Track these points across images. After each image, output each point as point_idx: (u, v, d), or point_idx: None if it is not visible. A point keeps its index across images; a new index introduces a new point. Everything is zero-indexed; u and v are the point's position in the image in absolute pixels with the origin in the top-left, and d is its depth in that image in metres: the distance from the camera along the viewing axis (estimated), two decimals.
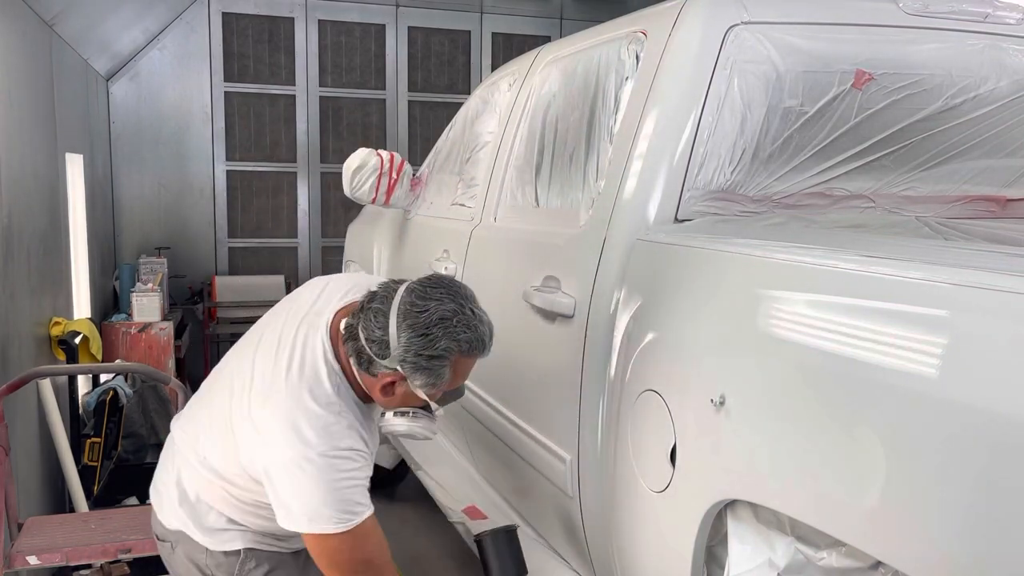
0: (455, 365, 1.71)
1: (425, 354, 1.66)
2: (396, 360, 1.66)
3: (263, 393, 1.69)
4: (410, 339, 1.65)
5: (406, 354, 1.65)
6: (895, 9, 2.17)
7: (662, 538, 1.78)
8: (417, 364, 1.66)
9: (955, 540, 1.14)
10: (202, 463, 1.81)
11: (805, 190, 2.09)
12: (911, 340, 1.23)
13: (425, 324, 1.66)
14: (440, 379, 1.70)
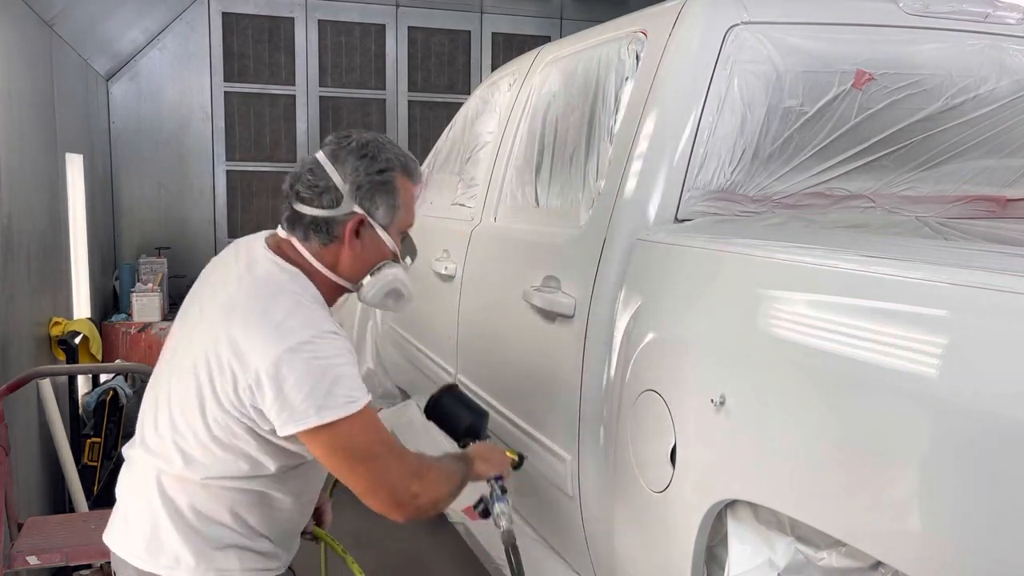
0: (404, 190, 1.73)
1: (373, 171, 1.68)
2: (351, 193, 1.67)
3: (227, 312, 1.61)
4: (354, 164, 1.68)
5: (356, 178, 1.67)
6: (895, 9, 2.17)
7: (662, 538, 1.78)
8: (371, 184, 1.68)
9: (955, 540, 1.14)
10: (186, 466, 1.66)
11: (805, 190, 2.09)
12: (911, 340, 1.23)
13: (357, 148, 1.69)
14: (395, 197, 1.71)
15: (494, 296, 2.70)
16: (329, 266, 1.73)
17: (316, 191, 1.68)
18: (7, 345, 3.18)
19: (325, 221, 1.69)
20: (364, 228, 1.71)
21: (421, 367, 3.47)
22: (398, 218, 1.75)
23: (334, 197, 1.68)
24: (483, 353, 2.78)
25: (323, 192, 1.68)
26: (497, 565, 2.54)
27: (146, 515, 1.69)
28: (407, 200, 1.77)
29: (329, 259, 1.72)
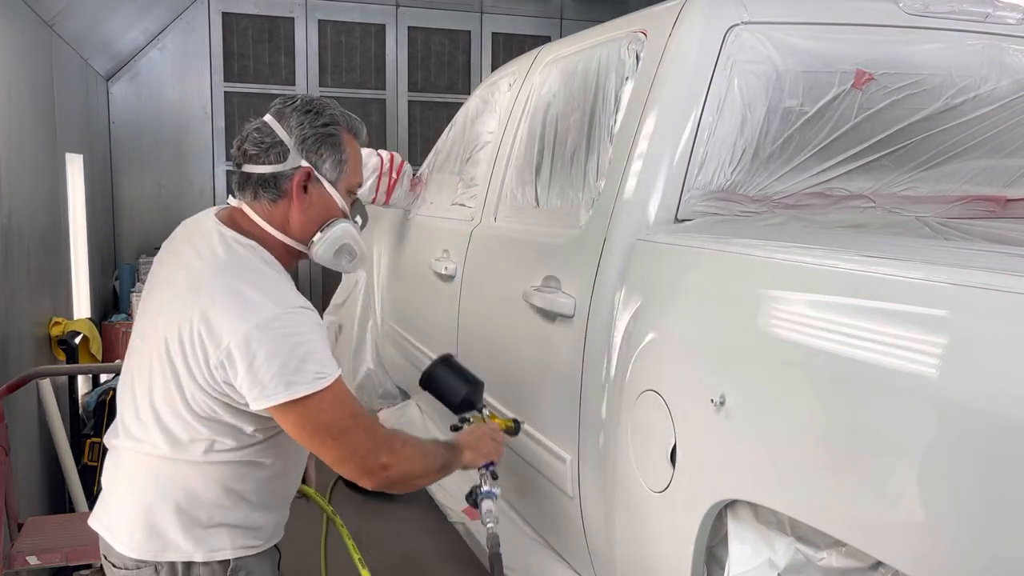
0: (349, 145, 1.76)
1: (318, 124, 1.71)
2: (296, 147, 1.70)
3: (194, 292, 1.61)
4: (299, 119, 1.70)
5: (302, 132, 1.69)
6: (895, 9, 2.17)
7: (662, 538, 1.78)
8: (316, 136, 1.70)
9: (955, 540, 1.14)
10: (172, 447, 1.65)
11: (805, 190, 2.09)
12: (911, 340, 1.23)
13: (302, 105, 1.73)
14: (341, 152, 1.74)
15: (494, 296, 2.70)
16: (279, 226, 1.73)
17: (263, 147, 1.70)
18: (7, 345, 3.18)
19: (273, 177, 1.70)
20: (312, 183, 1.72)
21: (421, 367, 3.47)
22: (345, 173, 1.77)
23: (280, 151, 1.69)
24: (483, 353, 2.78)
25: (269, 147, 1.70)
26: None
27: (134, 501, 1.69)
28: (353, 156, 1.78)
29: (279, 219, 1.73)
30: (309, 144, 1.71)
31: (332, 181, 1.75)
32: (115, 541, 1.71)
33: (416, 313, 3.59)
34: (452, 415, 2.18)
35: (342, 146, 1.75)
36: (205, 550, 1.68)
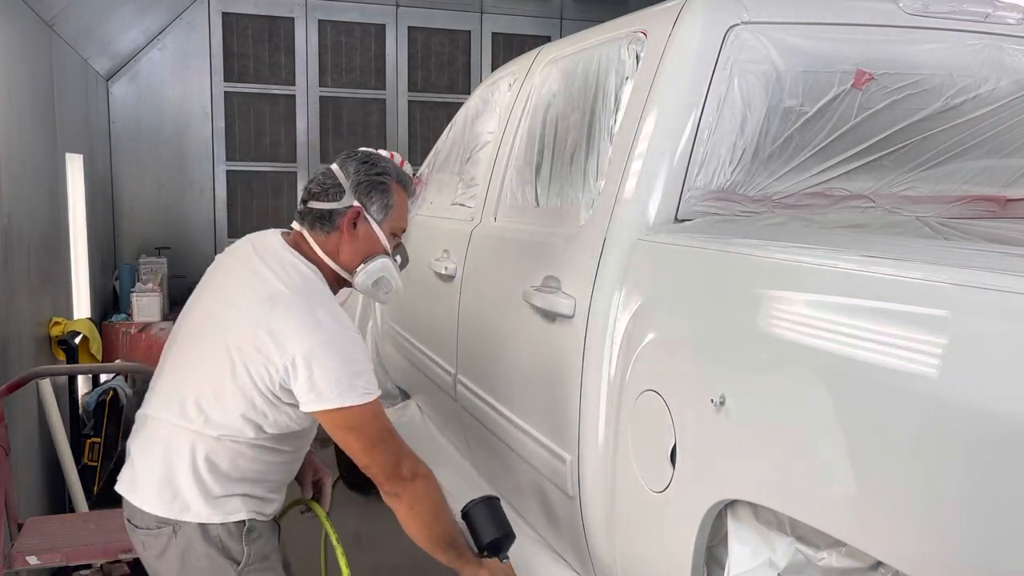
0: (397, 195, 2.03)
1: (372, 173, 1.99)
2: (351, 189, 1.98)
3: (271, 303, 1.84)
4: (357, 167, 2.00)
5: (357, 176, 1.98)
6: (895, 9, 2.17)
7: (662, 538, 1.78)
8: (369, 182, 1.98)
9: (955, 540, 1.14)
10: (204, 424, 1.85)
11: (805, 190, 2.09)
12: (911, 340, 1.23)
13: (362, 156, 2.04)
14: (389, 198, 2.01)
15: (494, 296, 2.70)
16: (331, 255, 2.00)
17: (324, 187, 2.00)
18: (7, 345, 3.18)
19: (329, 212, 1.98)
20: (360, 220, 1.99)
21: (421, 367, 3.47)
22: (390, 217, 2.03)
23: (338, 191, 1.98)
24: (483, 353, 2.78)
25: (329, 188, 1.99)
26: None
27: (161, 466, 1.89)
28: (399, 203, 2.05)
29: (331, 248, 1.99)
30: (362, 188, 1.99)
31: (378, 221, 2.01)
32: (140, 501, 1.90)
33: (416, 313, 3.59)
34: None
35: (390, 193, 2.02)
36: (223, 512, 1.88)
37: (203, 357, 1.90)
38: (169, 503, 1.86)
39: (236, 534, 1.89)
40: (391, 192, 2.01)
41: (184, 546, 1.86)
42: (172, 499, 1.86)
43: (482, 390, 2.75)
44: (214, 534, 1.87)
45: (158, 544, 1.88)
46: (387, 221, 2.02)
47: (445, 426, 3.43)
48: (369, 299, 4.13)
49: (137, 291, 5.25)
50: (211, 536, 1.86)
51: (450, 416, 3.21)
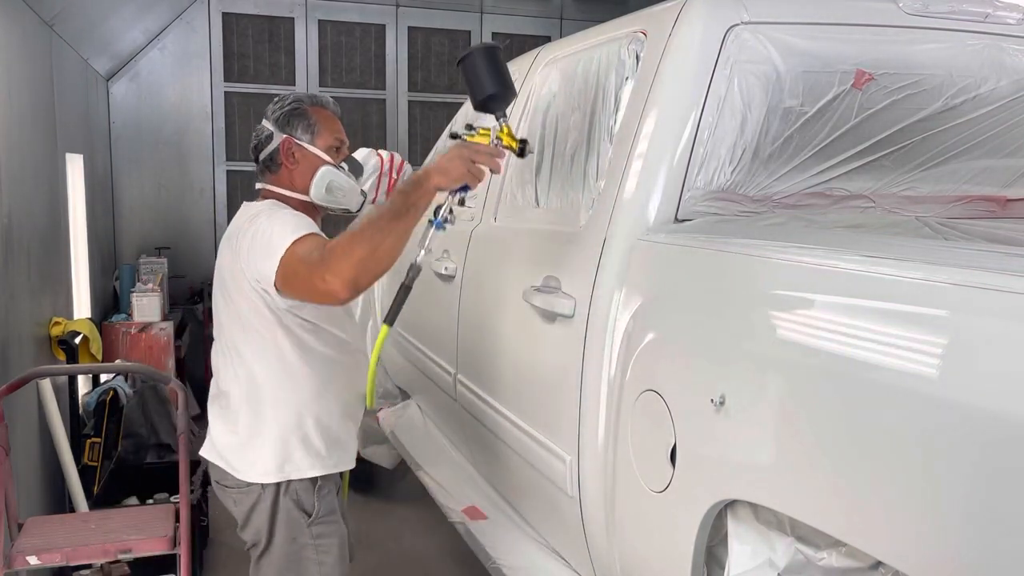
0: (316, 115, 2.22)
1: (285, 106, 2.22)
2: (275, 127, 2.20)
3: (229, 238, 2.16)
4: (273, 109, 2.24)
5: (275, 115, 2.22)
6: (895, 9, 2.17)
7: (662, 538, 1.78)
8: (285, 114, 2.21)
9: (955, 540, 1.14)
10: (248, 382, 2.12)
11: (805, 190, 2.09)
12: (911, 340, 1.24)
13: (275, 101, 2.27)
14: (308, 118, 2.21)
15: (494, 296, 2.70)
16: (287, 187, 2.21)
17: (258, 138, 2.24)
18: (7, 345, 3.18)
19: (269, 156, 2.21)
20: (294, 147, 2.20)
21: (421, 367, 3.47)
22: (318, 133, 2.22)
23: (267, 136, 2.22)
24: (483, 353, 2.78)
25: (262, 137, 2.23)
26: (497, 565, 2.54)
27: (243, 430, 2.14)
28: (320, 119, 2.23)
29: (286, 182, 2.21)
30: (282, 121, 2.21)
31: (308, 141, 2.21)
32: (227, 466, 2.16)
33: (416, 313, 3.59)
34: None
35: (308, 114, 2.22)
36: (297, 470, 2.12)
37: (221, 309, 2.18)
38: (252, 467, 2.12)
39: (309, 490, 2.15)
40: (308, 113, 2.22)
41: (270, 502, 2.13)
42: (254, 463, 2.12)
43: (482, 390, 2.75)
44: (292, 490, 2.14)
45: (248, 501, 2.16)
46: (318, 137, 2.21)
47: (445, 426, 3.43)
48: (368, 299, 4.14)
49: (137, 291, 5.24)
50: (290, 491, 2.14)
51: (450, 416, 3.21)
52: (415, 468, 3.45)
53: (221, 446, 2.17)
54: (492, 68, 2.08)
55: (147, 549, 2.64)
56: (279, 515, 2.14)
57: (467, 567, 3.56)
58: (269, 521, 2.14)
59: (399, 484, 4.60)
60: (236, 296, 2.09)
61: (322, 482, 2.18)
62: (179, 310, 6.01)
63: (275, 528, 2.15)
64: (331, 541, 2.18)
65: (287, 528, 2.14)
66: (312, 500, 2.16)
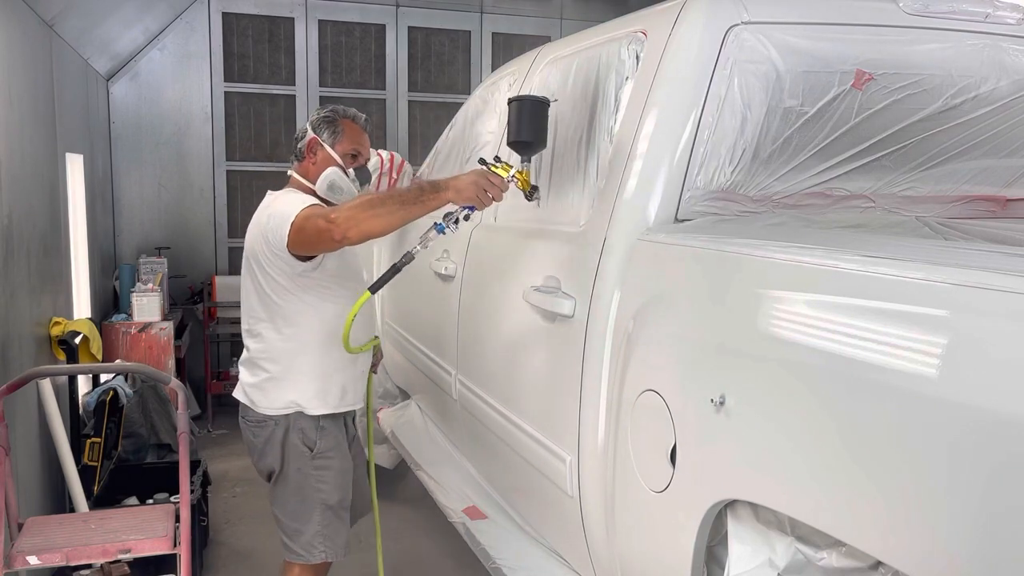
0: (344, 126, 2.65)
1: (323, 113, 2.68)
2: (310, 127, 2.67)
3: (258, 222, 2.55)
4: (314, 115, 2.70)
5: (314, 118, 2.68)
6: (895, 9, 2.17)
7: (662, 538, 1.78)
8: (319, 119, 2.66)
9: (955, 540, 1.14)
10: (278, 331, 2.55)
11: (805, 190, 2.09)
12: (911, 340, 1.24)
13: (319, 109, 2.71)
14: (336, 126, 2.65)
15: (494, 296, 2.70)
16: (304, 176, 2.65)
17: (299, 135, 2.71)
18: (7, 345, 3.18)
19: (299, 149, 2.69)
20: (317, 146, 2.64)
21: (421, 367, 3.47)
22: (339, 140, 2.64)
23: (303, 133, 2.69)
24: (483, 353, 2.78)
25: (301, 133, 2.70)
26: (497, 565, 2.54)
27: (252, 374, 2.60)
28: (348, 129, 2.66)
29: (304, 171, 2.66)
30: (315, 123, 2.68)
31: (330, 144, 2.64)
32: (250, 403, 2.60)
33: (416, 313, 3.59)
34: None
35: (337, 123, 2.66)
36: (305, 406, 2.54)
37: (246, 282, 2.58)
38: (266, 400, 2.55)
39: (313, 429, 2.56)
40: (337, 123, 2.66)
41: (282, 435, 2.56)
42: (268, 397, 2.55)
43: (482, 390, 2.75)
44: (298, 428, 2.55)
45: (264, 434, 2.58)
46: (338, 143, 2.63)
47: (445, 426, 3.43)
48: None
49: (137, 291, 5.24)
50: (296, 429, 2.55)
51: (450, 416, 3.21)
52: (415, 468, 3.45)
53: (247, 387, 2.62)
54: (536, 120, 2.23)
55: (147, 549, 2.64)
56: (287, 448, 2.57)
57: (467, 567, 3.56)
58: (280, 453, 2.57)
59: (399, 484, 4.60)
60: (259, 265, 2.50)
61: (324, 423, 2.58)
62: (179, 310, 6.01)
63: (285, 459, 2.58)
64: (330, 473, 2.60)
65: (294, 459, 2.57)
66: (315, 438, 2.57)
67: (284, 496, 2.62)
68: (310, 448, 2.57)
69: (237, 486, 4.74)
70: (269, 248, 2.46)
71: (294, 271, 2.47)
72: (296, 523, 2.61)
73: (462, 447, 3.23)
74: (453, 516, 2.93)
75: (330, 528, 2.62)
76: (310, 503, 2.59)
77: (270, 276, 2.50)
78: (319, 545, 2.60)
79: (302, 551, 2.61)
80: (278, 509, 2.65)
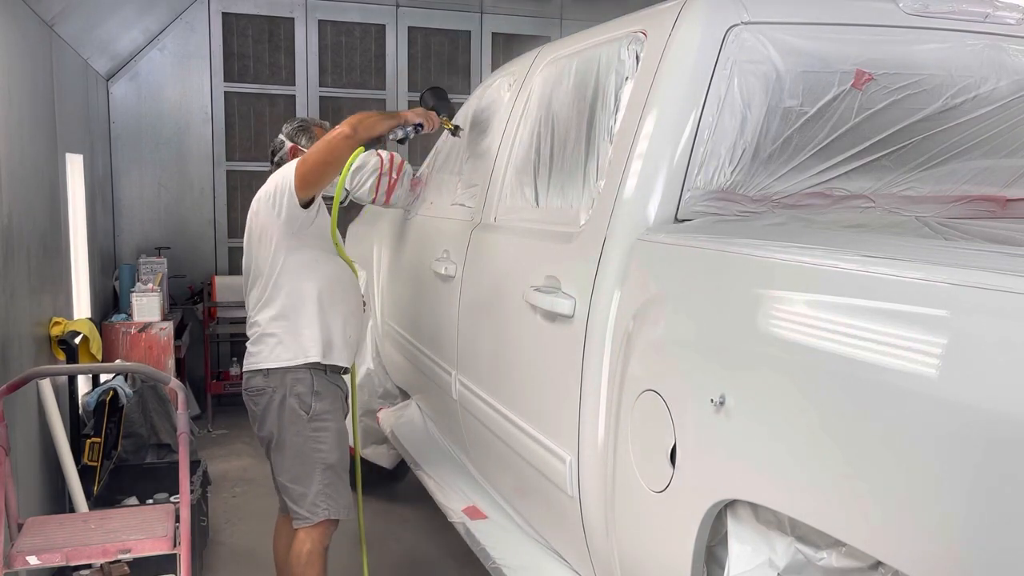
0: (316, 130, 3.05)
1: (296, 124, 3.10)
2: (288, 138, 3.07)
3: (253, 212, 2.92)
4: (286, 127, 3.13)
5: (288, 129, 3.09)
6: (895, 9, 2.17)
7: (662, 538, 1.78)
8: (295, 129, 3.08)
9: (955, 540, 1.14)
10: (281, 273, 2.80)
11: (805, 190, 2.09)
12: (911, 340, 1.24)
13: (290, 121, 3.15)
14: (312, 132, 3.04)
15: (494, 296, 2.70)
16: None
17: (274, 147, 3.12)
18: (7, 345, 3.18)
19: (280, 157, 3.07)
20: (298, 151, 3.01)
21: (421, 367, 3.47)
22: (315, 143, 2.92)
23: (280, 143, 3.10)
24: (483, 353, 2.78)
25: (276, 145, 3.12)
26: (497, 565, 2.54)
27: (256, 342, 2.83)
28: (320, 134, 2.97)
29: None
30: (292, 133, 3.08)
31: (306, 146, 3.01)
32: (248, 366, 2.83)
33: (416, 313, 3.59)
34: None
35: (311, 130, 3.07)
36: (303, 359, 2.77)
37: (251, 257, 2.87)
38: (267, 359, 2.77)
39: (308, 394, 2.75)
40: (311, 129, 3.06)
41: (279, 400, 2.75)
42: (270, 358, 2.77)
43: (482, 390, 2.75)
44: (295, 393, 2.74)
45: (263, 401, 2.78)
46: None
47: (445, 426, 3.43)
48: (368, 299, 4.14)
49: (137, 291, 5.24)
50: (294, 393, 2.74)
51: (450, 416, 3.21)
52: (415, 468, 3.45)
53: (252, 352, 2.83)
54: (438, 97, 3.30)
55: (147, 549, 2.64)
56: (284, 413, 2.74)
57: (467, 567, 3.56)
58: (278, 418, 2.75)
59: (399, 484, 4.60)
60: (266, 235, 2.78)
61: (318, 387, 2.78)
62: (179, 310, 6.02)
63: (282, 424, 2.75)
64: (327, 434, 2.79)
65: (292, 423, 2.75)
66: (310, 402, 2.75)
67: (285, 461, 2.77)
68: (306, 412, 2.74)
69: (237, 486, 4.74)
70: (276, 203, 2.75)
71: (294, 226, 2.75)
72: (300, 486, 2.74)
73: (462, 447, 3.23)
74: (453, 516, 2.93)
75: (331, 487, 2.76)
76: (310, 464, 2.74)
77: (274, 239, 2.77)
78: (322, 503, 2.73)
79: (307, 512, 2.73)
80: (282, 475, 2.79)
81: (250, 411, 2.85)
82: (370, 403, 4.14)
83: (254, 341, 2.85)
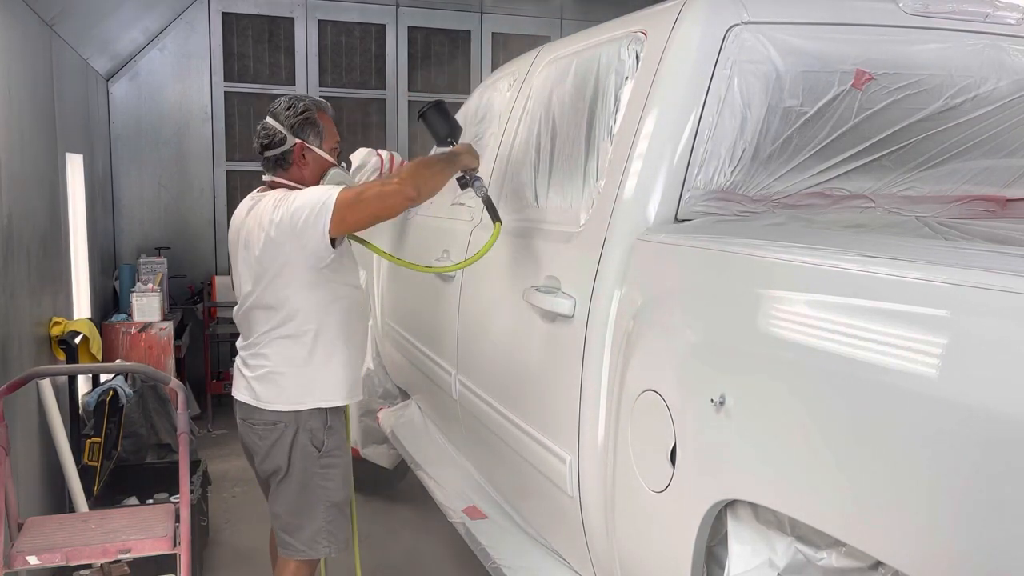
0: (321, 120, 2.65)
1: (298, 113, 2.61)
2: (289, 131, 2.60)
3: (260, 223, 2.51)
4: (285, 114, 2.62)
5: (289, 121, 2.61)
6: (895, 9, 2.17)
7: (662, 538, 1.78)
8: (301, 120, 2.61)
9: (955, 539, 1.14)
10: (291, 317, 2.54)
11: (805, 190, 2.09)
12: (911, 340, 1.24)
13: (286, 105, 2.64)
14: (318, 126, 2.63)
15: (494, 296, 2.70)
16: (297, 181, 2.62)
17: (270, 139, 2.62)
18: (7, 345, 3.18)
19: (282, 155, 2.62)
20: (306, 151, 2.62)
21: (421, 367, 3.47)
22: (324, 138, 2.65)
23: (281, 138, 2.61)
24: (483, 353, 2.78)
25: (274, 137, 2.61)
26: (497, 565, 2.54)
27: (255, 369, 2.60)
28: (326, 124, 2.67)
29: (295, 177, 2.63)
30: (297, 128, 2.61)
31: (318, 145, 2.64)
32: (255, 401, 2.59)
33: (416, 313, 3.59)
34: None
35: (318, 122, 2.64)
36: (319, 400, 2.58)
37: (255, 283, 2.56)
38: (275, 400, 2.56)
39: (321, 429, 2.60)
40: (318, 121, 2.64)
41: (291, 436, 2.57)
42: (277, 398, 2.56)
43: (482, 390, 2.75)
44: (307, 428, 2.58)
45: (272, 436, 2.59)
46: (324, 142, 2.64)
47: (445, 426, 3.43)
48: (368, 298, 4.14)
49: (137, 291, 5.24)
50: (307, 429, 2.58)
51: (450, 416, 3.21)
52: (415, 468, 3.45)
53: (256, 387, 2.59)
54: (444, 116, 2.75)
55: (147, 549, 2.64)
56: (296, 449, 2.59)
57: (467, 567, 3.56)
58: (288, 453, 2.59)
59: (399, 484, 4.60)
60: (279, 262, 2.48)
61: (331, 422, 2.63)
62: (179, 310, 6.01)
63: (292, 459, 2.59)
64: (335, 471, 2.65)
65: (302, 459, 2.59)
66: (323, 437, 2.60)
67: (287, 494, 2.63)
68: (318, 448, 2.60)
69: (237, 486, 4.74)
70: (300, 233, 2.41)
71: (319, 264, 2.47)
72: (298, 519, 2.62)
73: (462, 447, 3.23)
74: (453, 516, 2.93)
75: (334, 524, 2.65)
76: (314, 500, 2.62)
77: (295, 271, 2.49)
78: (323, 540, 2.63)
79: (303, 546, 2.63)
80: (279, 506, 2.65)
81: (251, 443, 2.66)
82: (370, 403, 4.13)
83: (263, 379, 2.58)
